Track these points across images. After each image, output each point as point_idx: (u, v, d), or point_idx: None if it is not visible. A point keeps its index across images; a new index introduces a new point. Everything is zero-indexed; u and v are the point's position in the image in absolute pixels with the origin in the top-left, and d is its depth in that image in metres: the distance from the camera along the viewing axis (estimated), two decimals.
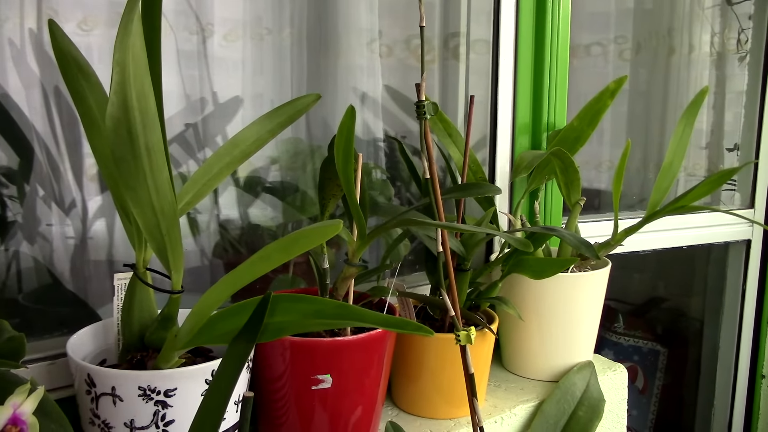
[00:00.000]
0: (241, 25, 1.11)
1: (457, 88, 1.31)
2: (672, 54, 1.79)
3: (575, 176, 1.03)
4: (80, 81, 0.70)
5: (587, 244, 0.90)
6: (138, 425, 0.67)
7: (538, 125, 1.22)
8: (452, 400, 0.96)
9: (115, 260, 0.99)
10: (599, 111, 1.06)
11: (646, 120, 1.84)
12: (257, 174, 1.14)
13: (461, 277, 0.96)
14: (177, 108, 1.05)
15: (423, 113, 0.80)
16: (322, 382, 0.79)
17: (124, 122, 0.56)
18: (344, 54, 1.22)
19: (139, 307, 0.73)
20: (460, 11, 1.28)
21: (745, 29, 1.72)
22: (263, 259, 0.57)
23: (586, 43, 1.71)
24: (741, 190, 1.71)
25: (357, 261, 0.83)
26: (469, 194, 0.93)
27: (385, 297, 0.91)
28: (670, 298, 2.06)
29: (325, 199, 0.86)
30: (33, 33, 0.90)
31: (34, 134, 0.91)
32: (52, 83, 0.92)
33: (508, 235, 0.84)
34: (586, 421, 1.01)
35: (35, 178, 0.93)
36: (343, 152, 0.74)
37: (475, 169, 1.07)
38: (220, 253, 1.10)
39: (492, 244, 1.22)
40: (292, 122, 0.82)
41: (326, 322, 0.58)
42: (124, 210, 0.71)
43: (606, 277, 1.08)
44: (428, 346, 0.93)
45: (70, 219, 0.95)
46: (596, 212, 1.51)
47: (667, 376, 1.95)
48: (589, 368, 1.09)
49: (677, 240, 1.54)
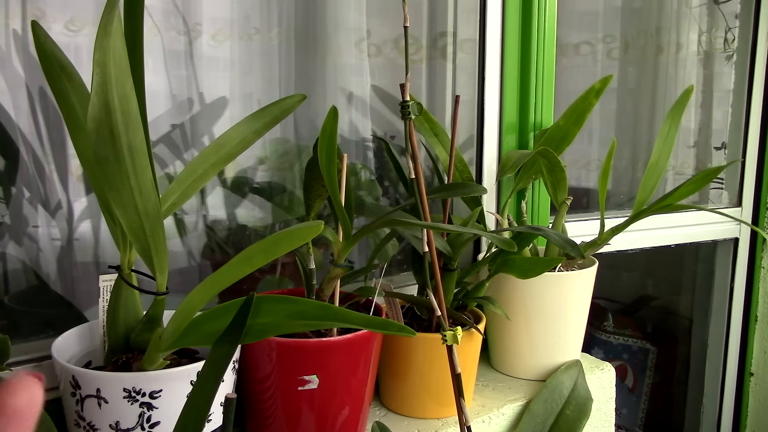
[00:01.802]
0: (229, 24, 1.10)
1: (445, 88, 1.31)
2: (660, 53, 1.79)
3: (562, 175, 1.04)
4: (64, 82, 0.70)
5: (572, 243, 0.90)
6: (123, 427, 0.67)
7: (524, 124, 1.22)
8: (440, 400, 0.96)
9: (102, 262, 0.99)
10: (585, 110, 1.07)
11: (634, 119, 1.84)
12: (245, 174, 1.13)
13: (448, 276, 0.96)
14: (164, 108, 1.05)
15: (408, 113, 0.80)
16: (309, 382, 0.79)
17: (106, 123, 0.56)
18: (333, 54, 1.22)
19: (125, 309, 0.73)
20: (447, 10, 1.28)
21: (732, 28, 1.73)
22: (245, 260, 0.57)
23: (574, 42, 1.71)
24: (729, 189, 1.72)
25: (342, 261, 0.83)
26: (455, 194, 0.93)
27: (372, 297, 0.91)
28: (659, 296, 2.07)
29: (311, 200, 0.86)
30: (17, 34, 0.90)
31: (20, 136, 0.91)
32: (38, 84, 0.92)
33: (492, 235, 0.84)
34: (574, 420, 1.02)
35: (21, 179, 0.92)
36: (326, 153, 0.74)
37: (462, 168, 1.07)
38: (208, 254, 1.10)
39: (479, 243, 1.23)
40: (278, 122, 0.82)
41: (309, 323, 0.58)
42: (108, 211, 0.71)
43: (593, 277, 1.09)
44: (415, 346, 0.93)
45: (56, 220, 0.95)
46: (585, 211, 1.51)
47: (657, 375, 1.95)
48: (577, 367, 1.09)
49: (665, 239, 1.55)
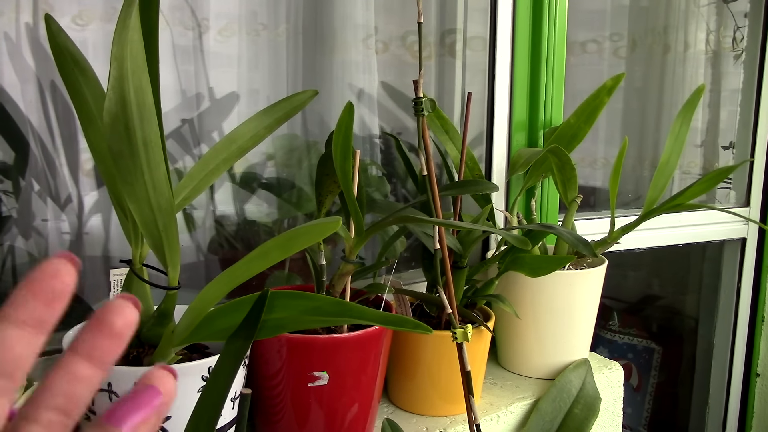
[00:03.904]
0: (236, 20, 1.10)
1: (454, 85, 1.30)
2: (667, 51, 1.79)
3: (572, 174, 1.03)
4: (77, 76, 0.69)
5: (584, 241, 0.90)
6: None
7: (534, 122, 1.22)
8: (448, 398, 0.96)
9: (111, 256, 0.99)
10: (596, 108, 1.06)
11: (641, 117, 1.84)
12: (253, 170, 1.13)
13: (458, 274, 0.95)
14: (173, 103, 1.04)
15: (421, 110, 0.80)
16: (319, 379, 0.78)
17: (122, 117, 0.56)
18: (340, 50, 1.21)
19: None
20: (456, 8, 1.28)
21: (740, 27, 1.72)
22: (262, 256, 0.57)
23: (581, 40, 1.71)
24: (736, 188, 1.72)
25: (354, 258, 0.83)
26: (467, 191, 0.92)
27: (382, 294, 0.91)
28: (664, 296, 2.07)
29: (323, 196, 0.86)
30: (29, 27, 0.90)
31: (30, 129, 0.91)
32: (48, 77, 0.91)
33: (506, 233, 0.84)
34: (582, 419, 1.02)
35: (30, 172, 0.92)
36: (341, 149, 0.74)
37: (472, 166, 1.07)
38: (216, 249, 1.10)
39: (488, 241, 1.22)
40: (289, 118, 0.82)
41: (324, 319, 0.58)
42: (120, 206, 0.71)
43: (602, 275, 1.08)
44: (425, 343, 0.93)
45: (65, 214, 0.95)
46: (591, 210, 1.51)
47: (662, 374, 1.95)
48: (585, 366, 1.09)
49: (673, 238, 1.54)
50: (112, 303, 0.31)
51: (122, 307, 0.30)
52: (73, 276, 0.30)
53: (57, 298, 0.30)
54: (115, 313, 0.30)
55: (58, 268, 0.30)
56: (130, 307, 0.31)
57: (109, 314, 0.30)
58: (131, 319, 0.31)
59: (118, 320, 0.30)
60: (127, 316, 0.30)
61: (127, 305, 0.31)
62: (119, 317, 0.30)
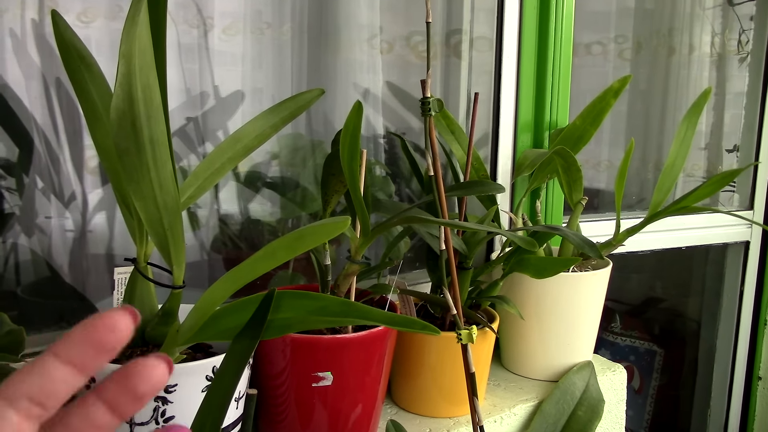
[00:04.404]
0: (241, 18, 1.10)
1: (459, 86, 1.30)
2: (672, 54, 1.78)
3: (578, 175, 1.03)
4: (83, 73, 0.69)
5: (591, 243, 0.89)
6: (138, 421, 0.66)
7: (540, 123, 1.21)
8: (452, 399, 0.95)
9: (115, 254, 0.98)
10: (602, 110, 1.06)
11: (645, 120, 1.83)
12: (258, 169, 1.13)
13: (463, 275, 0.95)
14: (178, 101, 1.04)
15: (428, 110, 0.79)
16: (323, 379, 0.78)
17: (129, 114, 0.55)
18: (344, 49, 1.21)
19: (140, 302, 0.72)
20: (462, 8, 1.27)
21: (746, 30, 1.72)
22: (268, 256, 0.56)
23: (586, 42, 1.71)
24: (740, 191, 1.71)
25: (360, 258, 0.82)
26: (473, 192, 0.92)
27: (387, 294, 0.91)
28: (667, 298, 2.06)
29: (328, 195, 0.86)
30: (34, 23, 0.89)
31: (34, 125, 0.91)
32: (53, 74, 0.91)
33: (513, 234, 0.83)
34: (586, 422, 1.01)
35: (34, 169, 0.92)
36: (348, 148, 0.74)
37: (478, 166, 1.06)
38: (219, 248, 1.10)
39: (493, 242, 1.22)
40: (295, 117, 0.81)
41: (330, 319, 0.57)
42: (125, 203, 0.71)
43: (607, 277, 1.08)
44: (429, 344, 0.92)
45: (69, 212, 0.95)
46: (595, 212, 1.51)
47: (664, 377, 1.95)
48: (589, 368, 1.08)
49: (676, 241, 1.54)
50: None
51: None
52: (130, 330, 0.31)
53: (106, 351, 0.31)
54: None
55: (117, 322, 0.31)
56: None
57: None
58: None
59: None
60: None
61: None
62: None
